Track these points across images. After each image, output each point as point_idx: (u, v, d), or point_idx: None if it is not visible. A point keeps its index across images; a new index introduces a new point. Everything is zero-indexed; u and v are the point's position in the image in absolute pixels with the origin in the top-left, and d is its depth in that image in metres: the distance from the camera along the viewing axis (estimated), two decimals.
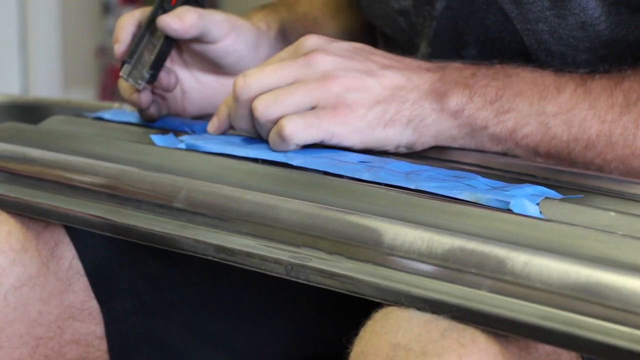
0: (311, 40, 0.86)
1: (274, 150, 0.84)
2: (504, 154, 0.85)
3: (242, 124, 0.87)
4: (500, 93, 0.82)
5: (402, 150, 0.85)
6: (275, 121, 0.83)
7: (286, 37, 1.03)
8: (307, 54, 0.84)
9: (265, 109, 0.83)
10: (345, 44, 0.86)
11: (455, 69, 0.84)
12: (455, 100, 0.82)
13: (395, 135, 0.83)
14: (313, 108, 0.83)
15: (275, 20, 1.03)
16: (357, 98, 0.83)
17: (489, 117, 0.82)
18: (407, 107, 0.83)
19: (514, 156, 0.84)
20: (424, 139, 0.84)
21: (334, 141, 0.83)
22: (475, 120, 0.82)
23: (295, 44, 0.87)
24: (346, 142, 0.83)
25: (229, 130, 0.91)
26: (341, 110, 0.82)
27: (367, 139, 0.83)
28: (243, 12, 1.03)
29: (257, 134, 0.87)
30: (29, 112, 1.11)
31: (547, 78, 0.83)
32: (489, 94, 0.82)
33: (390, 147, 0.84)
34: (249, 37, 0.98)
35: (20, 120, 1.02)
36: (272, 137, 0.84)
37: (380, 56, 0.86)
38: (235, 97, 0.85)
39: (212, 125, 0.90)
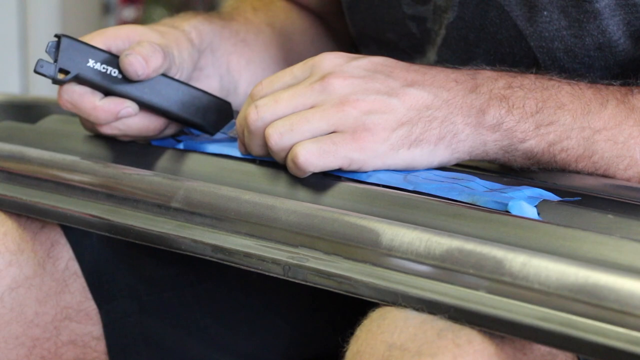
0: (327, 61, 0.80)
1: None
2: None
3: (258, 151, 0.81)
4: (540, 105, 0.78)
5: (434, 167, 0.80)
6: (290, 148, 0.78)
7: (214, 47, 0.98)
8: (323, 77, 0.79)
9: (279, 138, 0.78)
10: (364, 60, 0.80)
11: (487, 79, 0.80)
12: (493, 113, 0.78)
13: (422, 155, 0.78)
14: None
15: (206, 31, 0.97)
16: (378, 121, 0.77)
17: (529, 130, 0.78)
18: (436, 126, 0.78)
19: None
20: (458, 154, 0.79)
21: (354, 167, 0.77)
22: (515, 133, 0.78)
23: (310, 63, 0.81)
24: (367, 168, 0.78)
25: (230, 132, 0.89)
26: (361, 134, 0.77)
27: (390, 162, 0.78)
28: None
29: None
30: (27, 111, 1.11)
31: (586, 91, 0.80)
32: (528, 105, 0.78)
33: (419, 167, 0.79)
34: (193, 57, 0.94)
35: (18, 119, 1.02)
36: (289, 164, 0.79)
37: (403, 70, 0.80)
38: (249, 129, 0.80)
39: (241, 148, 0.85)
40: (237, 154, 0.85)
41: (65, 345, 0.90)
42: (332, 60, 0.80)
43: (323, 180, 0.79)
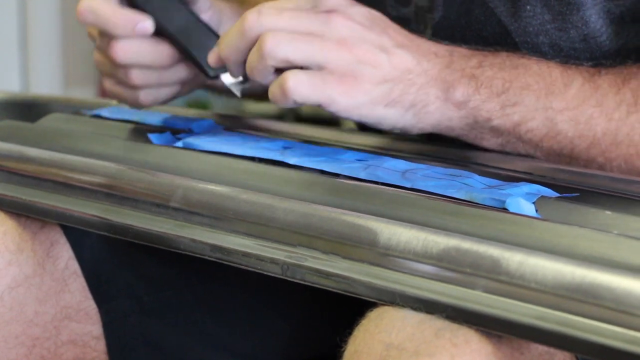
0: None
1: (274, 103, 0.81)
2: (500, 151, 0.84)
3: (237, 56, 0.82)
4: (507, 85, 0.81)
5: (396, 131, 0.83)
6: (278, 66, 0.80)
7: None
8: (327, 11, 0.81)
9: (276, 44, 0.79)
10: (364, 9, 0.83)
11: (462, 57, 0.82)
12: (462, 91, 0.81)
13: (393, 116, 0.81)
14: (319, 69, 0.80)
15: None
16: (366, 72, 0.80)
17: (494, 110, 0.81)
18: (413, 92, 0.81)
19: (508, 153, 0.83)
20: (422, 125, 0.82)
21: (332, 109, 0.80)
22: (480, 112, 0.81)
23: None
24: (343, 114, 0.80)
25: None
26: (348, 80, 0.79)
27: (365, 114, 0.81)
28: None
29: (239, 80, 0.85)
30: (28, 109, 1.11)
31: (554, 70, 0.82)
32: (495, 85, 0.81)
33: (385, 127, 0.82)
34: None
35: (19, 118, 1.02)
36: (273, 88, 0.80)
37: (395, 31, 0.83)
38: (241, 31, 0.81)
39: (211, 58, 0.86)
40: (236, 152, 0.85)
41: (65, 344, 0.91)
42: None
43: (321, 179, 0.79)
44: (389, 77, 0.80)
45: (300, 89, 0.78)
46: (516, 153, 0.84)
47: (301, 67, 0.80)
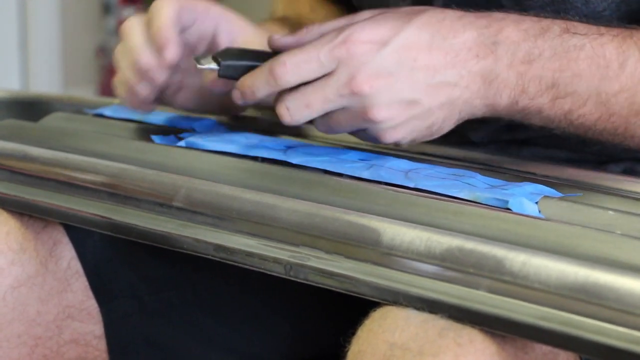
0: (357, 49, 0.78)
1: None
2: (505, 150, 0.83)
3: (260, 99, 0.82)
4: (556, 76, 0.79)
5: None
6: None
7: None
8: (350, 77, 0.77)
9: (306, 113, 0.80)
10: (387, 50, 0.78)
11: (507, 49, 0.78)
12: (507, 93, 0.79)
13: (441, 132, 0.81)
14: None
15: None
16: (408, 128, 0.79)
17: (544, 103, 0.79)
18: (456, 112, 0.80)
19: (510, 153, 0.83)
20: (468, 118, 0.81)
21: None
22: (529, 108, 0.80)
23: (337, 50, 0.78)
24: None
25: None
26: (387, 135, 0.80)
27: (407, 141, 0.81)
28: (243, 9, 1.02)
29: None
30: (30, 108, 1.11)
31: (607, 48, 0.79)
32: (545, 79, 0.79)
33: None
34: None
35: (21, 117, 1.02)
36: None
37: (426, 54, 0.78)
38: (269, 82, 0.80)
39: (237, 98, 0.84)
40: (239, 151, 0.85)
41: (67, 344, 0.91)
42: (361, 48, 0.78)
43: (324, 179, 0.79)
44: (429, 122, 0.79)
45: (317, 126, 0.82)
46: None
47: None
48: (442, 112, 0.79)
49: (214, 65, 0.85)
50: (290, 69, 0.78)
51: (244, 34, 0.92)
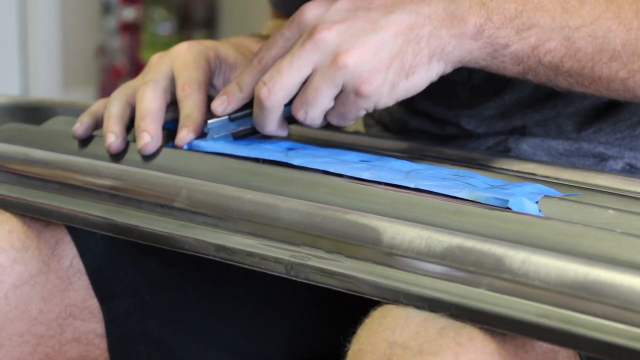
0: (309, 14, 0.82)
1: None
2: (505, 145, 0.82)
3: (272, 127, 0.85)
4: (519, 9, 0.79)
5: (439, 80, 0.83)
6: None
7: None
8: (310, 34, 0.80)
9: (305, 113, 0.82)
10: (341, 2, 0.81)
11: None
12: (473, 21, 0.79)
13: (422, 78, 0.80)
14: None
15: None
16: (373, 66, 0.79)
17: (510, 35, 0.79)
18: (424, 45, 0.79)
19: (509, 150, 0.81)
20: (451, 64, 0.81)
21: (370, 111, 0.82)
22: (497, 39, 0.79)
23: (296, 20, 0.83)
24: (380, 107, 0.81)
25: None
26: (361, 87, 0.79)
27: (396, 96, 0.81)
28: (242, 15, 1.02)
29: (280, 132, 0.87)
30: (32, 113, 1.11)
31: None
32: (507, 10, 0.79)
33: (423, 88, 0.82)
34: None
35: (23, 122, 1.02)
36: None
37: None
38: (263, 107, 0.83)
39: (220, 105, 0.87)
40: (240, 153, 0.85)
41: (69, 342, 0.91)
42: (312, 12, 0.82)
43: (324, 179, 0.79)
44: (394, 51, 0.79)
45: (340, 123, 0.83)
46: (539, 83, 0.83)
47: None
48: (409, 46, 0.79)
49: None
50: (272, 88, 0.82)
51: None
